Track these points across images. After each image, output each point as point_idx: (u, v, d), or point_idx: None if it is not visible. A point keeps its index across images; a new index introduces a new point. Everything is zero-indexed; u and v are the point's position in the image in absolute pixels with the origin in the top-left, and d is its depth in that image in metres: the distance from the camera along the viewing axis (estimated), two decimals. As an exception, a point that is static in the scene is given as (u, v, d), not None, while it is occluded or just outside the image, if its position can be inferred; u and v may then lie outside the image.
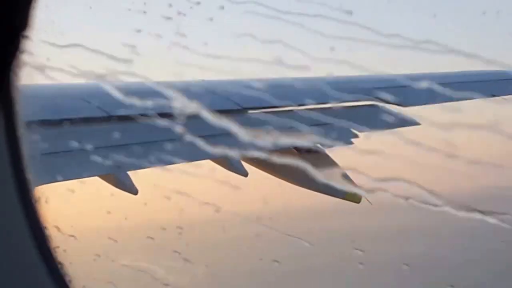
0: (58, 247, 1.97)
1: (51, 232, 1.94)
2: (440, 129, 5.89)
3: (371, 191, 5.61)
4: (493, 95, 7.64)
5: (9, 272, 1.82)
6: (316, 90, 7.37)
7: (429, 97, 7.51)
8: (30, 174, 1.86)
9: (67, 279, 1.96)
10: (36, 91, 5.27)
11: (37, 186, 1.92)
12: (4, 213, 1.83)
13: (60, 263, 1.95)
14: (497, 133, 5.51)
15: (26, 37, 1.48)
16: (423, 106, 7.44)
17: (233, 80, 7.58)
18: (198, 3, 6.02)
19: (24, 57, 1.52)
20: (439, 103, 7.51)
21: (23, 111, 1.80)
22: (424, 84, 7.55)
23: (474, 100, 7.51)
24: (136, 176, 6.05)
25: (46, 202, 1.99)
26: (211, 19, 6.82)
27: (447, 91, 7.33)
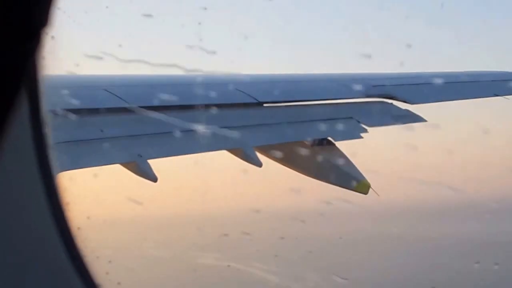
0: (80, 230, 2.00)
1: (74, 216, 1.96)
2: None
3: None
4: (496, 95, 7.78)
5: (33, 257, 1.87)
6: (327, 86, 7.59)
7: (436, 95, 7.69)
8: (54, 161, 1.89)
9: (89, 267, 1.99)
10: (60, 81, 5.45)
11: (61, 172, 1.98)
12: (29, 198, 1.86)
13: (82, 249, 1.97)
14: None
15: (50, 28, 1.46)
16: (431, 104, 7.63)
17: (249, 74, 7.80)
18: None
19: (49, 48, 1.52)
20: (446, 101, 7.71)
21: (48, 100, 1.80)
22: (431, 82, 7.75)
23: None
24: (155, 164, 6.19)
25: (69, 187, 2.01)
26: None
27: (454, 90, 7.55)
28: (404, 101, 7.42)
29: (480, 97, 7.83)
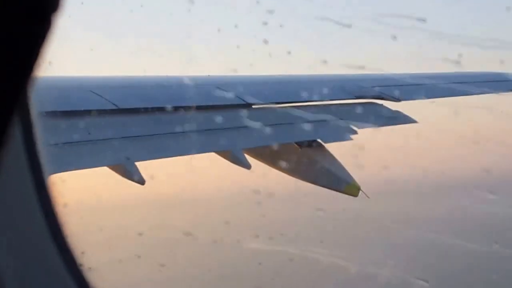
0: (70, 232, 1.99)
1: (65, 216, 1.96)
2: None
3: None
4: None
5: (25, 259, 1.87)
6: (317, 87, 7.56)
7: (426, 93, 7.72)
8: (45, 163, 1.90)
9: (81, 269, 2.01)
10: (47, 83, 5.39)
11: (51, 175, 1.97)
12: (20, 201, 1.87)
13: (73, 250, 1.99)
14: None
15: (60, 14, 1.38)
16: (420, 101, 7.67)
17: (238, 75, 7.78)
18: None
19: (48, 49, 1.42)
20: (435, 97, 7.74)
21: (38, 102, 1.78)
22: (422, 83, 7.77)
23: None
24: (142, 166, 6.16)
25: (60, 189, 2.01)
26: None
27: (445, 88, 7.58)
28: (393, 98, 7.44)
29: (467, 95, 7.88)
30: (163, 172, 6.91)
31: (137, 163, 6.03)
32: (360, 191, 6.97)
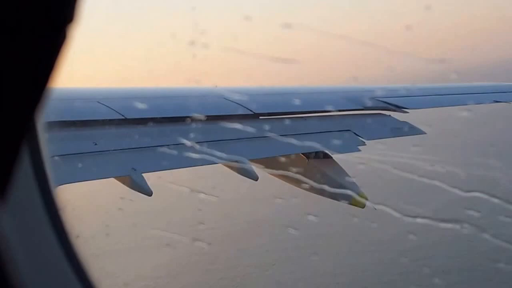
0: (80, 242, 2.00)
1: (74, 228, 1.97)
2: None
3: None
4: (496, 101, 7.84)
5: (35, 270, 1.85)
6: (324, 98, 7.55)
7: (435, 104, 7.71)
8: (51, 174, 1.88)
9: (90, 278, 2.01)
10: (55, 94, 5.37)
11: (58, 186, 1.97)
12: (27, 211, 1.86)
13: (82, 261, 1.99)
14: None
15: (75, 25, 1.37)
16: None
17: (246, 86, 7.76)
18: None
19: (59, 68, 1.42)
20: (444, 106, 7.73)
21: (45, 113, 1.73)
22: (430, 94, 7.76)
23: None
24: (150, 178, 6.12)
25: (67, 201, 2.01)
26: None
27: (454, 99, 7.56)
28: (401, 109, 7.42)
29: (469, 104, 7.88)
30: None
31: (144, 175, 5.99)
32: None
